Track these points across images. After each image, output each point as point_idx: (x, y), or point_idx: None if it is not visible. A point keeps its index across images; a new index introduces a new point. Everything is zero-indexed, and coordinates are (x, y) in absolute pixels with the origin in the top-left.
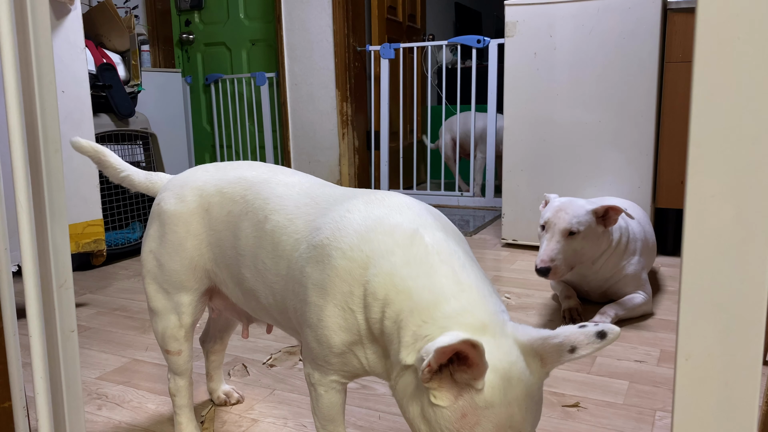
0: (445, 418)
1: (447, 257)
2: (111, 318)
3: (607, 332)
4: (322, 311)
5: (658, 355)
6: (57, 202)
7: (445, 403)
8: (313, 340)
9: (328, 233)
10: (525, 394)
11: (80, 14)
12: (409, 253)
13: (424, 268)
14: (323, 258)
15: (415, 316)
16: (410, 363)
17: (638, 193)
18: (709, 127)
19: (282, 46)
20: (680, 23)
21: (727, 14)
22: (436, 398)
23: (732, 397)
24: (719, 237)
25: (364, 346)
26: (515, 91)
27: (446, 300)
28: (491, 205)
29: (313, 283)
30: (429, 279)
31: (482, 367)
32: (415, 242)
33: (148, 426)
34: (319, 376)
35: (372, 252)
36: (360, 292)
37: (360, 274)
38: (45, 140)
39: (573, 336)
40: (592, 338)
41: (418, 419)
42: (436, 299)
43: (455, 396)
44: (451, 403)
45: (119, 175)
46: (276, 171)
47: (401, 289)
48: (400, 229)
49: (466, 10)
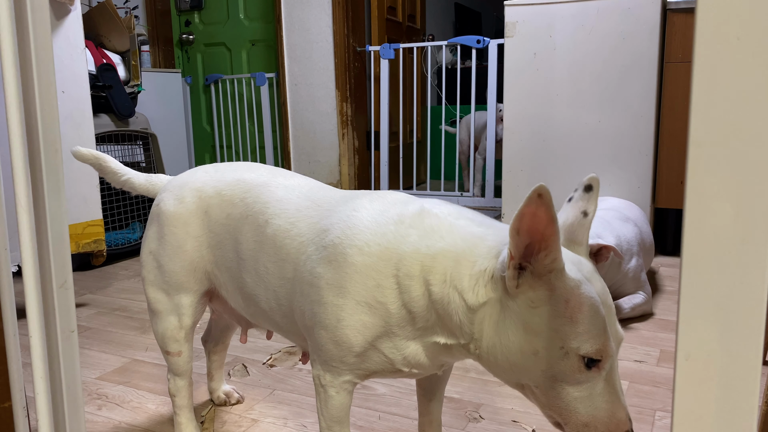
0: (553, 315)
1: (459, 216)
2: (111, 318)
3: (588, 182)
4: (342, 310)
5: (658, 355)
6: (57, 202)
7: (544, 299)
8: (329, 341)
9: (338, 233)
10: (592, 269)
11: (80, 14)
12: (423, 227)
13: (444, 230)
14: (337, 257)
15: (462, 264)
16: (482, 300)
17: (638, 193)
18: (708, 127)
19: (282, 46)
20: (680, 23)
21: (727, 14)
22: (533, 302)
23: (732, 397)
24: (719, 237)
25: (393, 336)
26: (515, 91)
27: (481, 239)
28: (491, 205)
29: (328, 282)
30: (454, 234)
31: (555, 235)
32: (425, 216)
33: (148, 426)
34: (331, 378)
35: (389, 243)
36: (391, 283)
37: (385, 267)
38: (45, 140)
39: (572, 211)
40: (582, 194)
41: (526, 345)
42: (472, 242)
43: (548, 289)
44: (548, 296)
45: (120, 180)
46: (275, 174)
47: (434, 253)
48: (408, 213)
49: (466, 11)
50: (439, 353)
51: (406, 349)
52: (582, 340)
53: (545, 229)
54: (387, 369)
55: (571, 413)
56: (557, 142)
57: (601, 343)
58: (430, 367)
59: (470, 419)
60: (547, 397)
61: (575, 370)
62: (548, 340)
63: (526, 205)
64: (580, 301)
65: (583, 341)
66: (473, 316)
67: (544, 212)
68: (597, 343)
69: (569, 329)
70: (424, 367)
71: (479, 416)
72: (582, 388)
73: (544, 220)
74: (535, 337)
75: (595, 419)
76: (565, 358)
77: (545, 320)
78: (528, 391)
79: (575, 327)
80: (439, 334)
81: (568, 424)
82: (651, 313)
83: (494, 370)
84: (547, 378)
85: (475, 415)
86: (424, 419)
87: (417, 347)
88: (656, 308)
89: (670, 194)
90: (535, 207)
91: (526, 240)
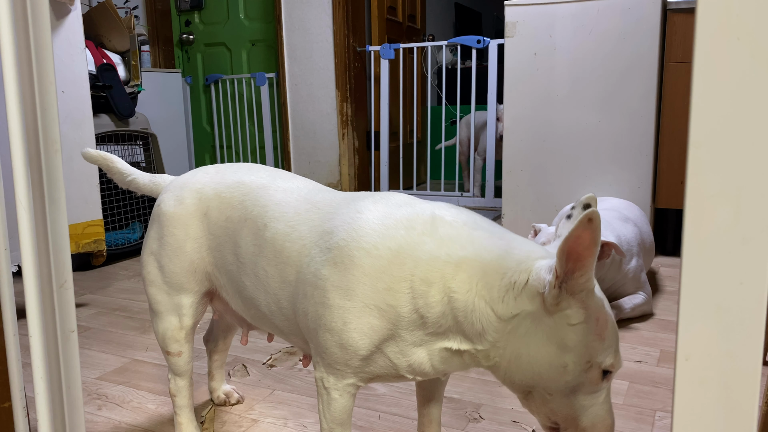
0: (587, 332)
1: (475, 226)
2: (111, 318)
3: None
4: (348, 313)
5: (658, 355)
6: (57, 203)
7: (581, 316)
8: (334, 344)
9: (343, 235)
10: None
11: (80, 14)
12: (439, 235)
13: (464, 239)
14: (343, 259)
15: (490, 275)
16: (514, 312)
17: (638, 193)
18: (708, 127)
19: (282, 46)
20: (680, 23)
21: (727, 14)
22: (571, 317)
23: (732, 397)
24: (719, 237)
25: (400, 340)
26: (515, 91)
27: (508, 252)
28: (491, 206)
29: (334, 285)
30: (476, 245)
31: (594, 257)
32: (437, 224)
33: (148, 426)
34: (335, 381)
35: (401, 248)
36: (404, 287)
37: (398, 271)
38: (45, 140)
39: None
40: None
41: (557, 359)
42: (498, 254)
43: (583, 306)
44: (585, 315)
45: (125, 180)
46: (275, 176)
47: (457, 262)
48: (419, 219)
49: (466, 11)
50: (446, 361)
51: (411, 356)
52: (606, 355)
53: (585, 250)
54: (391, 374)
55: (575, 419)
56: (557, 142)
57: (617, 356)
58: (433, 375)
59: (470, 419)
60: (559, 404)
61: (594, 381)
62: (579, 355)
63: (577, 228)
64: (606, 318)
65: (606, 355)
66: (501, 325)
67: (589, 236)
68: (616, 356)
69: (598, 345)
70: (428, 375)
71: (479, 416)
72: (592, 397)
73: (586, 242)
74: (568, 353)
75: (593, 425)
76: (589, 371)
77: (580, 337)
78: (534, 397)
79: (602, 343)
80: (452, 340)
81: (569, 428)
82: (651, 313)
83: (510, 377)
84: (566, 388)
85: (475, 415)
86: (423, 420)
87: (423, 354)
88: (656, 308)
89: (670, 194)
90: (582, 230)
91: (568, 262)
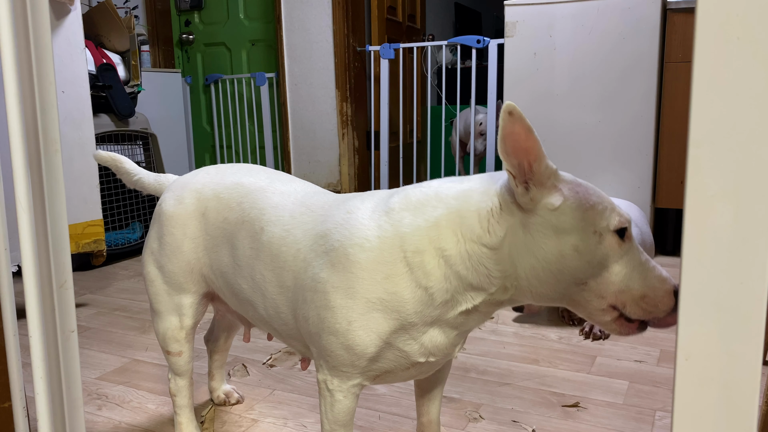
0: (574, 207)
1: (440, 184)
2: (111, 318)
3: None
4: (352, 311)
5: (658, 355)
6: (57, 202)
7: (559, 197)
8: (339, 346)
9: (337, 236)
10: None
11: (80, 14)
12: (413, 206)
13: (433, 199)
14: (340, 259)
15: (466, 217)
16: (501, 234)
17: (638, 193)
18: (708, 127)
19: (282, 46)
20: (680, 23)
21: (727, 14)
22: (552, 203)
23: (732, 397)
24: (719, 237)
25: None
26: (515, 91)
27: (470, 190)
28: None
29: (334, 286)
30: (443, 199)
31: (537, 143)
32: (410, 197)
33: (148, 426)
34: (339, 382)
35: (386, 232)
36: (400, 269)
37: (390, 255)
38: (45, 140)
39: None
40: None
41: (565, 246)
42: (464, 197)
43: (555, 189)
44: (560, 193)
45: (132, 179)
46: (273, 178)
47: (436, 222)
48: (395, 201)
49: (466, 10)
50: (463, 324)
51: (422, 336)
52: (605, 217)
53: (525, 141)
54: (401, 365)
55: (627, 292)
56: (557, 142)
57: (618, 211)
58: (447, 348)
59: (470, 419)
60: (603, 285)
61: (615, 246)
62: (581, 231)
63: (503, 127)
64: (584, 187)
65: (607, 216)
66: (500, 254)
67: (520, 127)
68: (616, 212)
69: (591, 212)
70: (442, 351)
71: (479, 416)
72: (625, 262)
73: (522, 134)
74: (570, 234)
75: (648, 288)
76: (602, 241)
77: (571, 214)
78: (577, 298)
79: (594, 208)
80: (463, 302)
81: (627, 303)
82: None
83: (538, 291)
84: (594, 267)
85: (475, 415)
86: (423, 420)
87: (434, 331)
88: None
89: (670, 194)
90: (511, 126)
91: (516, 159)
